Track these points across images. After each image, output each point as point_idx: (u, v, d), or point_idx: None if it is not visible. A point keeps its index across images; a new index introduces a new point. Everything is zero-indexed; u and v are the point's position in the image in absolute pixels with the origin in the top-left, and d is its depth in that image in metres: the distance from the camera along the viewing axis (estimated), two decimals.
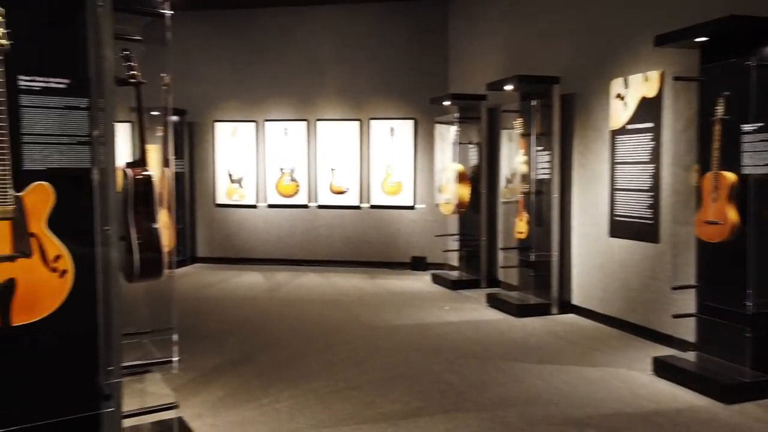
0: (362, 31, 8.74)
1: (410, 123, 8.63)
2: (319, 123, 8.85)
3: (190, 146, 9.15)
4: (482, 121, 7.35)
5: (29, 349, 2.20)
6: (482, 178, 7.32)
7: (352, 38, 8.76)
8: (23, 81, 2.15)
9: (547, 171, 6.04)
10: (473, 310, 6.17)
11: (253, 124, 9.03)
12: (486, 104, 7.30)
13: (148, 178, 2.75)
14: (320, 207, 8.92)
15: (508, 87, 6.15)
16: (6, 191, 2.01)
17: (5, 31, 2.02)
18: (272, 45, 8.91)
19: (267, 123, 8.98)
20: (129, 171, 2.72)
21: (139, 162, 2.77)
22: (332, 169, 8.84)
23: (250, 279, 8.01)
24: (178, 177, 8.72)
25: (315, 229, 8.97)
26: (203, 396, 3.75)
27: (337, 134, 8.82)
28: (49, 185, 2.13)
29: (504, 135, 7.17)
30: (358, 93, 8.77)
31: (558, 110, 5.92)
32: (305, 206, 8.96)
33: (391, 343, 4.98)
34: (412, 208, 8.67)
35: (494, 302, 6.26)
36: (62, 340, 2.26)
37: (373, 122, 8.71)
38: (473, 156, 7.51)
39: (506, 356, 4.61)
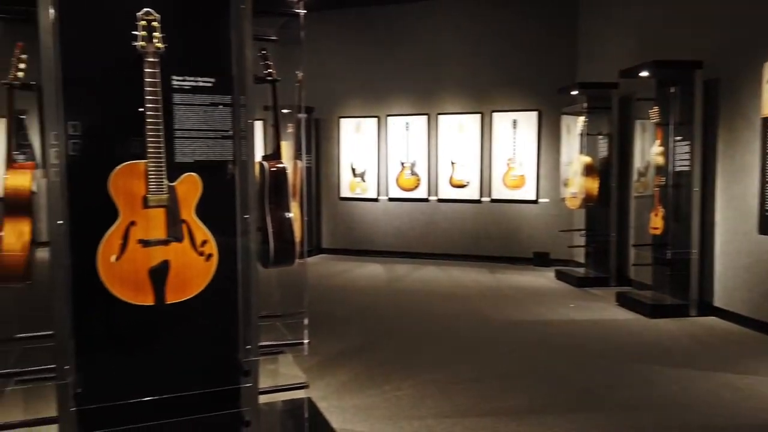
0: (484, 20, 8.61)
1: (534, 115, 8.38)
2: (440, 117, 8.85)
3: (316, 142, 9.54)
4: (613, 111, 6.97)
5: (180, 324, 2.42)
6: (613, 171, 6.95)
7: (474, 29, 8.65)
8: (176, 81, 2.35)
9: (686, 162, 5.61)
10: (601, 309, 5.89)
11: (376, 119, 9.23)
12: (617, 93, 6.91)
13: (283, 170, 2.91)
14: (440, 201, 8.94)
15: (644, 73, 5.77)
16: (162, 182, 2.22)
17: (161, 35, 2.22)
18: (395, 41, 9.03)
19: (389, 118, 9.14)
20: (265, 164, 2.89)
21: (274, 155, 2.93)
22: (453, 163, 8.82)
23: (372, 270, 8.21)
24: (305, 171, 9.12)
25: (435, 223, 9.01)
26: (328, 379, 3.91)
27: (458, 128, 8.77)
28: (197, 176, 2.32)
29: (637, 125, 6.75)
30: (480, 85, 8.66)
31: (700, 97, 5.46)
32: (425, 200, 9.02)
33: (513, 338, 4.89)
34: (535, 202, 8.43)
35: (624, 301, 5.94)
36: (207, 319, 2.46)
37: (495, 115, 8.57)
38: (602, 148, 7.15)
39: (638, 358, 4.35)
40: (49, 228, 2.18)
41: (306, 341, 2.83)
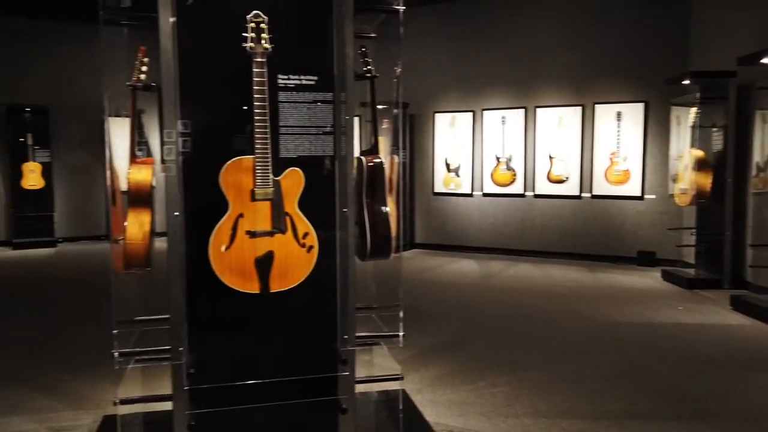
0: (586, 8, 8.27)
1: (640, 106, 7.96)
2: (538, 110, 8.62)
3: (410, 137, 9.59)
4: (730, 101, 6.48)
5: (282, 312, 2.53)
6: (728, 166, 6.47)
7: (575, 18, 8.34)
8: (281, 79, 2.46)
9: None
10: (713, 313, 5.52)
11: (471, 113, 9.14)
12: (735, 82, 6.41)
13: (380, 165, 2.96)
14: (537, 196, 8.71)
15: (766, 60, 5.32)
16: (268, 176, 2.33)
17: (269, 36, 2.32)
18: (491, 33, 8.89)
19: (485, 112, 9.01)
20: (363, 158, 2.95)
21: (372, 150, 2.99)
22: (551, 158, 8.57)
23: (465, 266, 8.16)
24: (401, 167, 9.21)
25: (531, 219, 8.79)
26: (422, 373, 3.94)
27: (557, 121, 8.50)
28: (300, 171, 2.41)
29: (757, 116, 6.24)
30: (581, 76, 8.34)
31: None
32: (521, 195, 8.82)
33: (614, 340, 4.69)
34: (640, 198, 8.01)
35: (740, 305, 5.52)
36: (307, 308, 2.56)
37: (597, 107, 8.22)
38: (716, 141, 6.67)
39: (755, 366, 4.04)
40: (167, 219, 2.35)
41: (401, 334, 2.86)
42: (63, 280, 7.35)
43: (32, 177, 9.78)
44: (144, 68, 2.68)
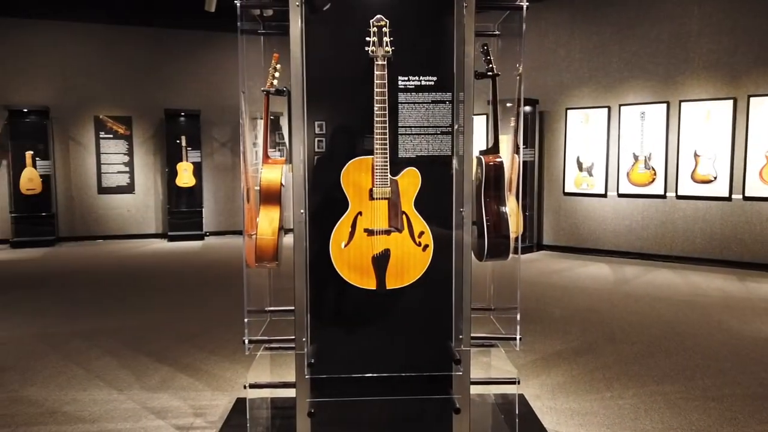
0: None
1: None
2: (682, 104, 7.98)
3: (540, 135, 9.30)
4: None
5: (398, 309, 2.58)
6: None
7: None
8: (401, 81, 2.51)
9: None
10: None
11: (606, 109, 8.67)
12: None
13: (500, 165, 2.92)
14: (679, 197, 8.07)
15: None
16: (386, 176, 2.40)
17: (390, 39, 2.38)
18: (631, 24, 8.37)
19: (622, 108, 8.51)
20: (483, 158, 2.92)
21: (492, 149, 2.95)
22: (696, 155, 7.90)
23: (596, 270, 7.77)
24: (527, 165, 8.98)
25: (672, 222, 8.17)
26: (542, 379, 3.83)
27: (705, 116, 7.82)
28: (417, 171, 2.45)
29: None
30: (734, 66, 7.59)
31: None
32: (661, 196, 8.23)
33: (765, 357, 4.23)
34: None
35: None
36: (423, 306, 2.59)
37: (752, 100, 7.44)
38: None
39: None
40: (294, 216, 2.50)
41: (518, 337, 2.81)
42: (209, 270, 8.03)
43: (185, 176, 10.78)
44: (276, 74, 2.86)
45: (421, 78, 2.52)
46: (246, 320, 2.79)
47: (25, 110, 10.14)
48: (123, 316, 5.45)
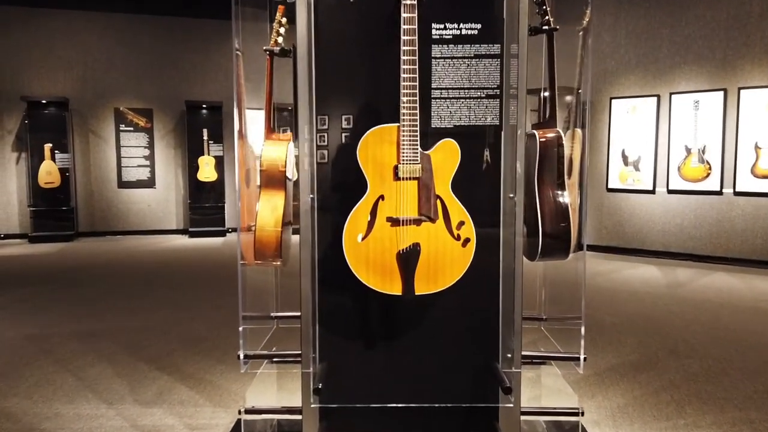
0: None
1: None
2: (742, 92, 7.24)
3: (581, 126, 8.63)
4: None
5: (430, 320, 2.04)
6: None
7: None
8: (435, 29, 1.97)
9: None
10: None
11: (655, 98, 7.97)
12: None
13: (556, 141, 2.36)
14: (738, 194, 7.34)
15: None
16: (416, 149, 1.86)
17: None
18: (684, 4, 7.66)
19: (673, 96, 7.80)
20: (536, 132, 2.36)
21: (549, 122, 2.39)
22: (758, 148, 7.15)
23: (645, 272, 7.09)
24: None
25: (729, 221, 7.44)
26: (599, 400, 3.24)
27: (767, 104, 7.08)
28: (455, 143, 1.91)
29: None
30: None
31: None
32: (717, 192, 7.50)
33: None
34: None
35: None
36: (461, 317, 2.05)
37: None
38: None
39: None
40: (300, 204, 1.98)
41: (582, 356, 2.24)
42: (228, 268, 7.60)
43: (207, 170, 10.39)
44: (282, 30, 2.34)
45: (461, 25, 1.97)
46: (241, 329, 2.28)
47: (44, 102, 9.87)
48: (129, 316, 5.02)
